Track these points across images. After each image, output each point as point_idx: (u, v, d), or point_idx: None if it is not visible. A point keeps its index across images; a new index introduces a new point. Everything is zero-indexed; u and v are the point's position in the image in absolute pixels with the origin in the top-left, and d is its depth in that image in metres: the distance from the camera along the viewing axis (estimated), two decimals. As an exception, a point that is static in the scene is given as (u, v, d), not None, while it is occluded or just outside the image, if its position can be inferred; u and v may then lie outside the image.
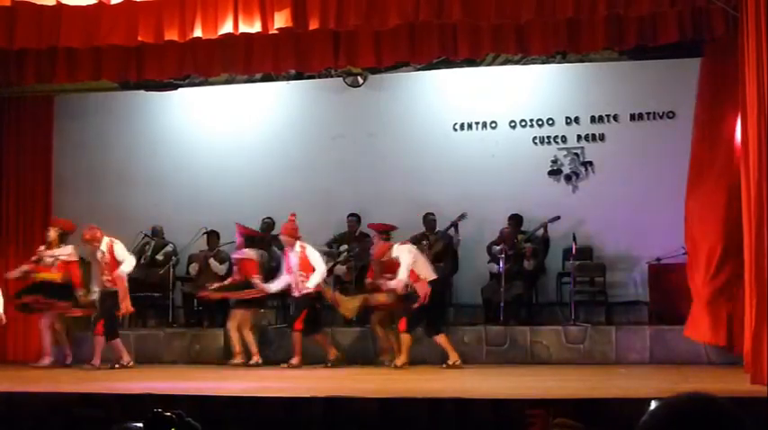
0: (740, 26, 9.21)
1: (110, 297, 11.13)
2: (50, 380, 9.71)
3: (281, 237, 11.46)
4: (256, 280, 11.50)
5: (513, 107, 13.10)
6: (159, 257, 13.05)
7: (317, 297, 11.23)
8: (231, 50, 10.86)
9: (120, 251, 11.30)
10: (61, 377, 10.04)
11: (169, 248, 13.11)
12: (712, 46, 10.60)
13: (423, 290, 10.71)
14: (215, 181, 13.42)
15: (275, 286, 11.48)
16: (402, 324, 10.74)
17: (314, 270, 11.20)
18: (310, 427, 6.88)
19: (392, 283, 10.89)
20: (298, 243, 11.27)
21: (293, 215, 11.44)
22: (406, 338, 10.76)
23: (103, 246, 11.21)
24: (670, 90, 12.30)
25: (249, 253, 11.74)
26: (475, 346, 11.43)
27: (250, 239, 11.95)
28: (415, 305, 10.68)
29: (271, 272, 12.12)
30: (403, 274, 10.76)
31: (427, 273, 10.92)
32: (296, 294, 11.23)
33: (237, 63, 11.16)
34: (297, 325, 11.08)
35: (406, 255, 10.92)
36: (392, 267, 10.99)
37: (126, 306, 11.17)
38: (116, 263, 11.16)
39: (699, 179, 10.57)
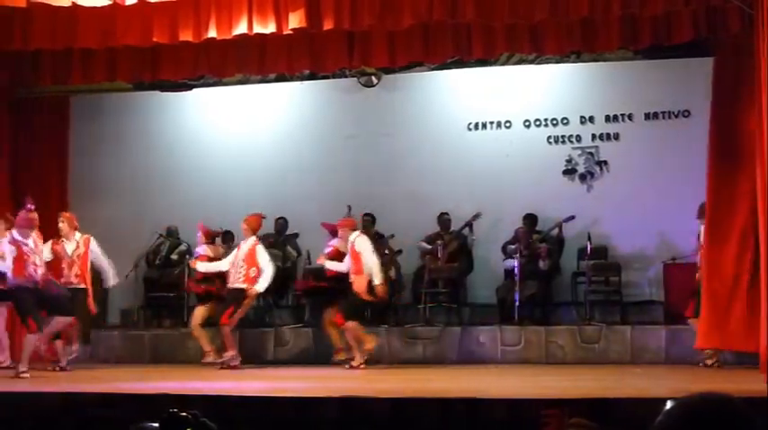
0: (756, 24, 9.17)
1: (83, 295, 10.78)
2: (66, 380, 9.73)
3: (242, 225, 11.33)
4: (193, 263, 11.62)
5: (528, 107, 13.09)
6: (174, 257, 13.10)
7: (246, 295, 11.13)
8: (245, 51, 10.88)
9: (98, 250, 10.98)
10: (77, 377, 10.07)
11: (183, 248, 13.16)
12: (724, 44, 10.51)
13: (361, 285, 10.75)
14: (229, 181, 13.45)
15: (202, 267, 11.49)
16: (338, 318, 10.81)
17: (257, 267, 11.09)
18: (325, 427, 6.88)
19: (336, 265, 11.10)
20: (253, 237, 11.23)
21: (263, 215, 11.46)
22: (350, 326, 10.76)
23: (78, 238, 10.90)
24: (685, 89, 12.27)
25: (200, 249, 11.83)
26: (490, 346, 11.42)
27: (212, 238, 11.97)
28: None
29: (286, 271, 12.19)
30: (375, 267, 10.81)
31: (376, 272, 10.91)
32: (229, 285, 11.16)
33: (252, 63, 11.18)
34: (223, 319, 10.97)
35: (368, 244, 10.98)
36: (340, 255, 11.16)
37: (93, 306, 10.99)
38: (87, 258, 10.85)
39: (721, 185, 10.19)
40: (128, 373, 10.47)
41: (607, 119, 12.87)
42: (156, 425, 2.82)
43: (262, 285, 11.09)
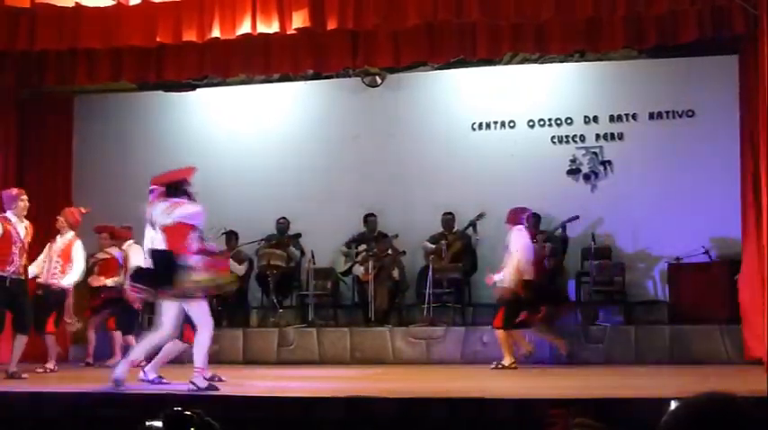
0: (760, 24, 9.15)
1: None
2: (72, 380, 9.73)
3: (60, 218, 10.76)
4: None
5: (532, 106, 13.08)
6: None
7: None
8: (249, 51, 10.89)
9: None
10: (83, 378, 10.07)
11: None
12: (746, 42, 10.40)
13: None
14: (233, 181, 13.43)
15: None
16: (111, 322, 11.37)
17: (72, 262, 10.63)
18: (330, 428, 6.88)
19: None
20: (72, 233, 10.73)
21: (87, 209, 11.05)
22: (117, 335, 11.24)
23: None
24: (689, 88, 12.26)
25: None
26: (494, 346, 11.40)
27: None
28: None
29: (290, 271, 12.18)
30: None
31: None
32: (42, 280, 10.53)
33: (256, 63, 11.20)
34: (49, 327, 10.60)
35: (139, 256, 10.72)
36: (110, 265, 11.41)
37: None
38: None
39: None
40: (133, 373, 10.46)
41: (611, 119, 12.84)
42: (160, 424, 2.81)
43: (69, 279, 10.59)
